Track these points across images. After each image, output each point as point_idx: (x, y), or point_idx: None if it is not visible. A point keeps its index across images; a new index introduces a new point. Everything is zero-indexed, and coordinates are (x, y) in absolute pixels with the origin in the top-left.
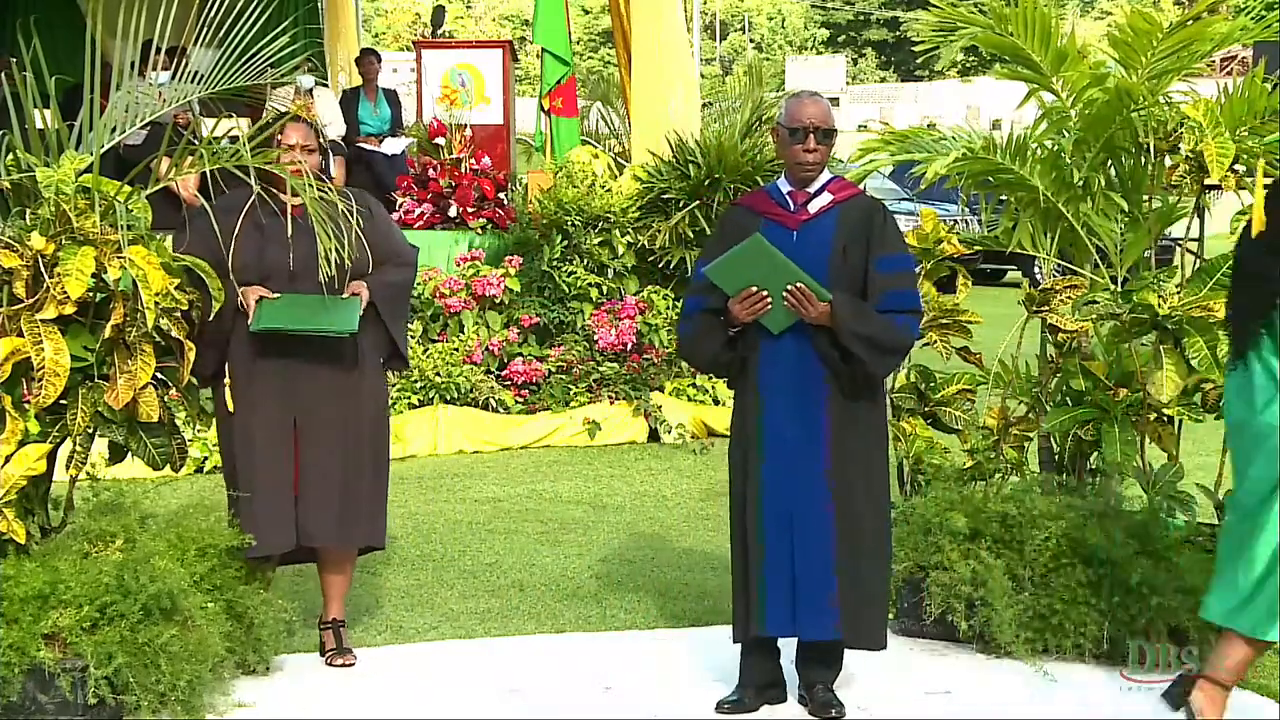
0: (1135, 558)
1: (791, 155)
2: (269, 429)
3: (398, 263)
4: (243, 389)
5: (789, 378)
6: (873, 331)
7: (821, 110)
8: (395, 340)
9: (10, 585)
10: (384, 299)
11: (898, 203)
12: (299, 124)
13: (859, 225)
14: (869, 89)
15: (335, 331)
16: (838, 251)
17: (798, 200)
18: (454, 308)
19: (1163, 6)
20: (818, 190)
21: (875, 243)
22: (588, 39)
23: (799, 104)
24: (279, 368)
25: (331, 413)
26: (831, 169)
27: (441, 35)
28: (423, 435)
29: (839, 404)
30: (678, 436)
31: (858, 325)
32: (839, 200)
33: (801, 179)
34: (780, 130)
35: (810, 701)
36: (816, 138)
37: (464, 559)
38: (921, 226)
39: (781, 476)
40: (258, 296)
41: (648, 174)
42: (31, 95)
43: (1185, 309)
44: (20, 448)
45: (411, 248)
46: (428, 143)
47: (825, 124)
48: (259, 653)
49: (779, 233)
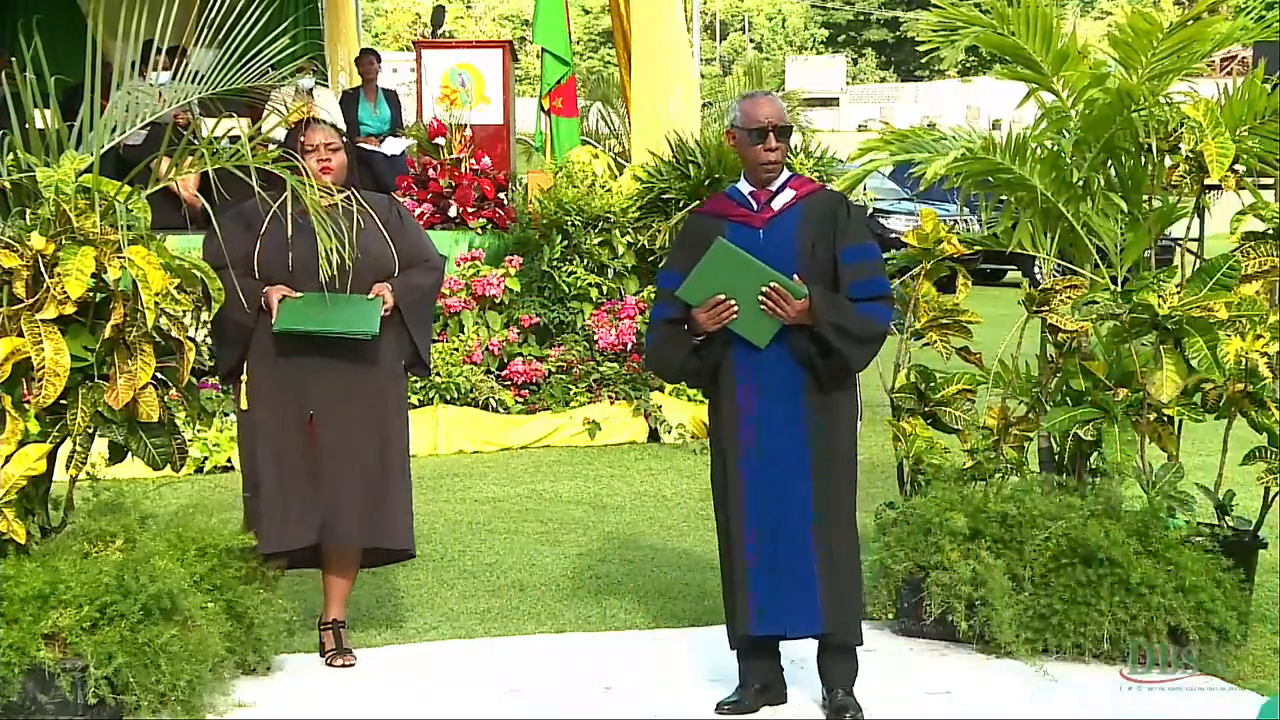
0: (1135, 558)
1: (753, 156)
2: (287, 426)
3: (425, 267)
4: (263, 386)
5: (764, 378)
6: (849, 322)
7: (777, 109)
8: (417, 344)
9: (10, 585)
10: (408, 303)
11: (898, 203)
12: (320, 124)
13: (825, 219)
14: (869, 89)
15: (356, 333)
16: (805, 247)
17: (760, 200)
18: (454, 308)
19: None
20: (779, 188)
21: (840, 235)
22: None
23: (754, 104)
24: (298, 366)
25: (350, 413)
26: (831, 168)
27: (441, 35)
28: (423, 435)
29: (815, 400)
30: (678, 436)
31: (834, 317)
32: (802, 196)
33: (763, 179)
34: (737, 133)
35: (829, 705)
36: (776, 136)
37: (464, 559)
38: (921, 226)
39: (761, 476)
40: (280, 296)
41: (648, 174)
42: (31, 95)
43: (1185, 309)
44: (20, 448)
45: (440, 255)
46: (428, 143)
47: (783, 121)
48: (259, 653)
49: (745, 233)
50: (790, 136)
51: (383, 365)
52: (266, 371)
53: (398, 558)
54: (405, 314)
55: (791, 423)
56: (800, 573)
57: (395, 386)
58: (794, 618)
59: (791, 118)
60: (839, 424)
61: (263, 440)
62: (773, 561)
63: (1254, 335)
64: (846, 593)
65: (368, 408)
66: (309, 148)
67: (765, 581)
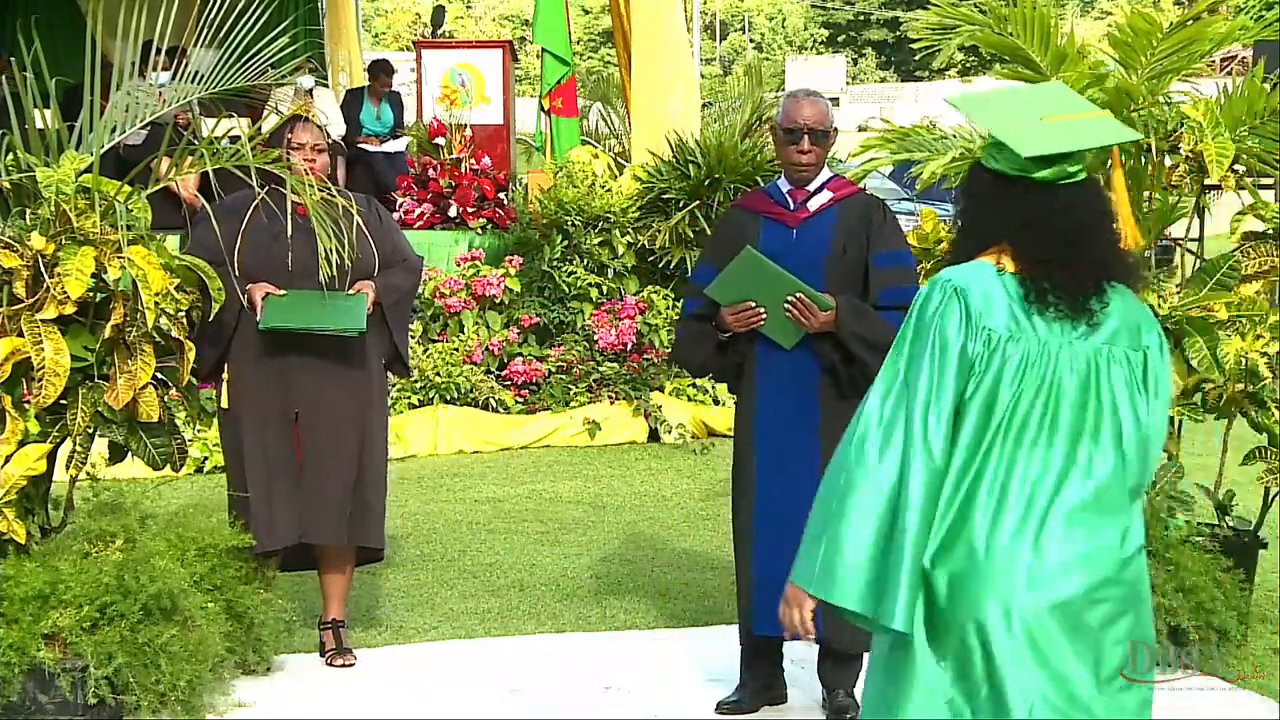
0: None
1: (786, 156)
2: (271, 425)
3: (404, 267)
4: (246, 385)
5: (783, 379)
6: (873, 333)
7: (817, 111)
8: (397, 344)
9: (10, 585)
10: (390, 302)
11: (898, 203)
12: (309, 124)
13: (858, 222)
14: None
15: (345, 330)
16: (837, 249)
17: (797, 199)
18: (454, 308)
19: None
20: (817, 189)
21: (874, 238)
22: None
23: (795, 104)
24: (281, 364)
25: (334, 412)
26: (831, 168)
27: (441, 35)
28: (423, 435)
29: (832, 405)
30: (678, 436)
31: (859, 327)
32: (838, 198)
33: (798, 179)
34: (777, 130)
35: (830, 705)
36: (811, 139)
37: (464, 559)
38: (921, 226)
39: (774, 476)
40: (264, 293)
41: (648, 174)
42: (31, 95)
43: (1185, 309)
44: (20, 448)
45: (418, 256)
46: (428, 143)
47: (820, 125)
48: (259, 653)
49: (779, 231)
50: (829, 140)
51: (365, 364)
52: (251, 370)
53: (374, 557)
54: (387, 313)
55: (806, 428)
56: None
57: (377, 386)
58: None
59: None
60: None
61: (249, 440)
62: (775, 563)
63: (1254, 335)
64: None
65: (352, 407)
66: (295, 145)
67: (769, 580)
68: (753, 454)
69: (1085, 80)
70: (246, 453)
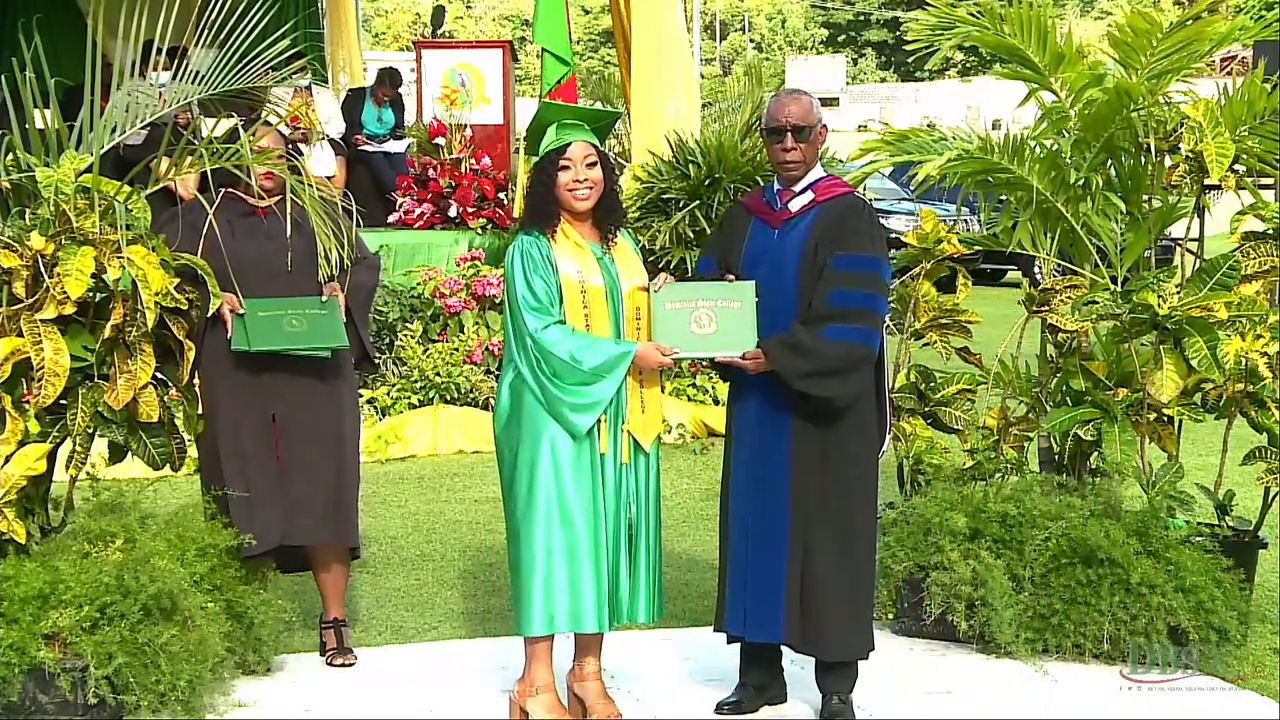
0: (1135, 558)
1: (773, 155)
2: (251, 427)
3: (366, 265)
4: (225, 391)
5: (759, 384)
6: (816, 365)
7: (800, 108)
8: (363, 341)
9: (10, 585)
10: (357, 302)
11: (898, 203)
12: (271, 128)
13: (833, 224)
14: (869, 89)
15: (327, 348)
16: (809, 251)
17: (784, 199)
18: (454, 308)
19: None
20: (802, 189)
21: (840, 240)
22: (588, 39)
23: (778, 103)
24: (260, 369)
25: (312, 412)
26: (831, 169)
27: (441, 35)
28: (423, 435)
29: (808, 428)
30: (678, 436)
31: (799, 365)
32: (820, 199)
33: (786, 178)
34: (764, 131)
35: (823, 709)
36: (795, 136)
37: (464, 559)
38: (921, 226)
39: (747, 481)
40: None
41: (648, 174)
42: (31, 95)
43: (1185, 309)
44: (20, 448)
45: (375, 254)
46: (428, 143)
47: (803, 122)
48: (259, 653)
49: (764, 231)
50: (812, 136)
51: (339, 366)
52: (226, 375)
53: (351, 555)
54: (354, 313)
55: (777, 451)
56: (767, 578)
57: (349, 386)
58: (755, 621)
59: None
60: (844, 449)
61: (227, 444)
62: (745, 567)
63: (1254, 335)
64: (825, 611)
65: (330, 408)
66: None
67: (738, 584)
68: (732, 457)
69: (1084, 80)
70: (225, 458)
